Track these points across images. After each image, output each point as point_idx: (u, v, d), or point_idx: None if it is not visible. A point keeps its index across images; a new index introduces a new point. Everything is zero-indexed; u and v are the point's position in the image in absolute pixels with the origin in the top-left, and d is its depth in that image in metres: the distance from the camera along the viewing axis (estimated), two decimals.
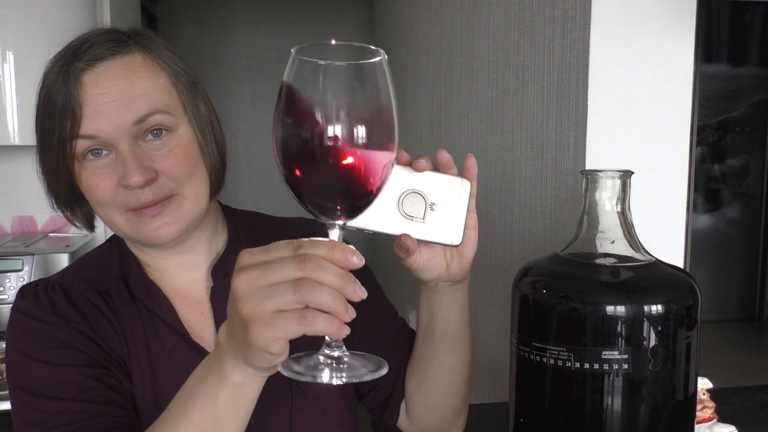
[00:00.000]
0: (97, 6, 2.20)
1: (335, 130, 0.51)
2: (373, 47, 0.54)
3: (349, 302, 0.52)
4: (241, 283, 0.53)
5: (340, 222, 0.57)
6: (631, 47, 1.11)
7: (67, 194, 0.82)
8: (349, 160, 0.53)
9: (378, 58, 0.53)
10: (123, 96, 0.76)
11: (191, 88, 0.82)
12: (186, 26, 4.77)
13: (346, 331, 0.52)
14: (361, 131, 0.52)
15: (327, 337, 0.56)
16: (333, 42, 0.54)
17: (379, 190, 0.56)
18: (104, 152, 0.77)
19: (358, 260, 0.52)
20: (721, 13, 4.25)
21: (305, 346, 0.56)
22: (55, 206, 0.85)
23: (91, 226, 0.88)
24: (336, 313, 0.51)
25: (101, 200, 0.78)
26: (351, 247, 0.53)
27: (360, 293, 0.52)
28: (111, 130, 0.76)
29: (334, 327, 0.51)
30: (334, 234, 0.57)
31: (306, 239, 0.53)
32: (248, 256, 0.54)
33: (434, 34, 2.27)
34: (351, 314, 0.52)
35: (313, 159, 0.52)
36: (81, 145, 0.77)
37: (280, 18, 4.87)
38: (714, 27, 4.25)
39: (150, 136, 0.78)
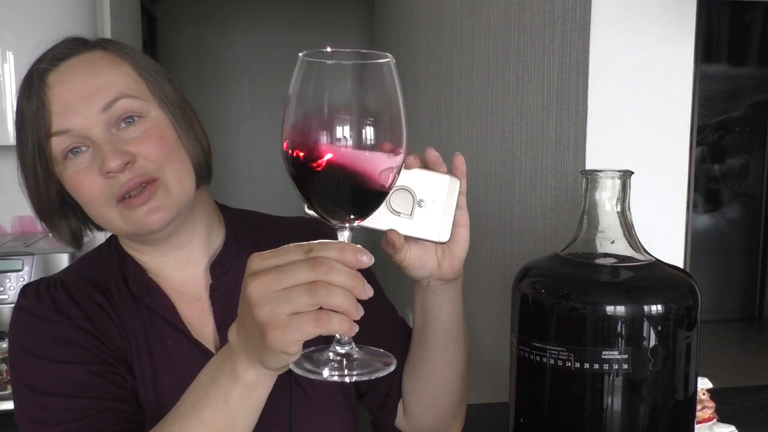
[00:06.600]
0: (97, 6, 2.20)
1: (345, 133, 0.52)
2: (380, 52, 0.54)
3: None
4: (255, 288, 0.53)
5: (350, 224, 0.57)
6: (631, 47, 1.11)
7: (54, 203, 0.82)
8: (360, 163, 0.53)
9: (386, 59, 0.54)
10: (88, 87, 0.78)
11: (157, 77, 0.83)
12: (186, 26, 4.78)
13: (356, 328, 0.54)
14: (371, 133, 0.52)
15: (337, 334, 0.57)
16: (339, 49, 0.54)
17: (389, 191, 0.56)
18: (83, 149, 0.78)
19: (368, 259, 0.53)
20: (721, 13, 4.25)
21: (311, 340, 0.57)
22: (40, 220, 0.85)
23: (77, 244, 0.88)
24: (347, 313, 0.53)
25: (89, 196, 0.78)
26: (359, 246, 0.53)
27: (368, 291, 0.53)
28: (82, 122, 0.77)
29: (346, 326, 0.53)
30: (344, 236, 0.57)
31: (316, 242, 0.54)
32: (259, 261, 0.54)
33: (434, 34, 2.27)
34: (360, 312, 0.53)
35: (324, 164, 0.52)
36: (57, 144, 0.78)
37: (280, 18, 4.88)
38: (714, 27, 4.25)
39: (123, 125, 0.79)
